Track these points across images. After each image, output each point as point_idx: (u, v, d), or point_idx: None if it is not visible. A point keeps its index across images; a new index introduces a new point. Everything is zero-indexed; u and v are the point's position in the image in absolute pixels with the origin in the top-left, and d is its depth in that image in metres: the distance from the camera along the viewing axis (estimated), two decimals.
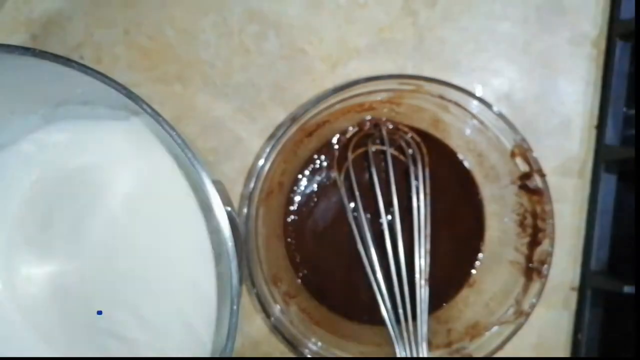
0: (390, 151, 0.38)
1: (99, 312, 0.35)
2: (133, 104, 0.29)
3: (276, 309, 0.37)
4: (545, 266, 0.37)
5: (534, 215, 0.37)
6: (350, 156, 0.39)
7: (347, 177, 0.39)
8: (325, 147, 0.40)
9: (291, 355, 0.38)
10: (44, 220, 0.36)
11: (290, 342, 0.37)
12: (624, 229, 0.40)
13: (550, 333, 0.41)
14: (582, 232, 0.41)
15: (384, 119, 0.40)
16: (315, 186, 0.40)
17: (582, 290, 0.40)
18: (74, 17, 0.41)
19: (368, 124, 0.40)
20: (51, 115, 0.36)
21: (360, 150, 0.40)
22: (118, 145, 0.36)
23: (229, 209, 0.29)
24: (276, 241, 0.40)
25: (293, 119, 0.35)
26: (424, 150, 0.39)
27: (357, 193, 0.38)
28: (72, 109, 0.36)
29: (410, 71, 0.41)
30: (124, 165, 0.36)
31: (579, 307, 0.41)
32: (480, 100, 0.36)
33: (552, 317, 0.41)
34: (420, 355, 0.37)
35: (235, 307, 0.29)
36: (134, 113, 0.35)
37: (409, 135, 0.40)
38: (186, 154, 0.28)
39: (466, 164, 0.40)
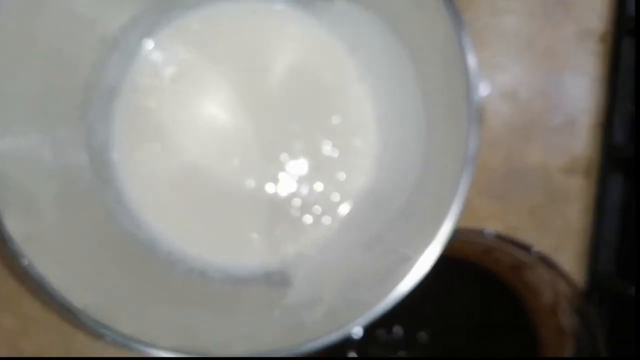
0: None
1: None
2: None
3: None
4: None
5: None
6: None
7: None
8: None
9: None
10: None
11: None
12: (632, 228, 0.39)
13: None
14: (589, 233, 0.40)
15: None
16: None
17: (589, 291, 0.40)
18: None
19: None
20: None
21: None
22: (285, 28, 0.36)
23: None
24: None
25: None
26: None
27: None
28: None
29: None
30: (291, 44, 0.37)
31: None
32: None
33: None
34: None
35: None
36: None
37: None
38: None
39: None
